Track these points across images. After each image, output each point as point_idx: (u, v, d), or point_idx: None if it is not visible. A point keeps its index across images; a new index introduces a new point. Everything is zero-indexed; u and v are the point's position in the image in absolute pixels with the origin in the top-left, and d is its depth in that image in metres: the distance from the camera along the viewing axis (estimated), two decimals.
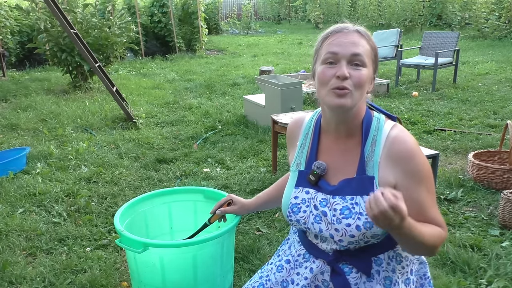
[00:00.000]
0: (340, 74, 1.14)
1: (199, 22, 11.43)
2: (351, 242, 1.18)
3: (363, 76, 1.16)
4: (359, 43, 1.17)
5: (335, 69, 1.16)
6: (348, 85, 1.15)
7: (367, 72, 1.17)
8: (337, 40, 1.17)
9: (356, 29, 1.20)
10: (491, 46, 10.92)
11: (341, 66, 1.15)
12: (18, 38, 9.37)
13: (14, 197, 3.30)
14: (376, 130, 1.22)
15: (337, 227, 1.18)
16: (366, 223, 1.15)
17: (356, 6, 17.95)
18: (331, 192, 1.22)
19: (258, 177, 3.61)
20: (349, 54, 1.15)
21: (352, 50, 1.15)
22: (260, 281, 1.42)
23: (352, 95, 1.16)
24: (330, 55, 1.17)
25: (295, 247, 1.37)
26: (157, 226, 2.11)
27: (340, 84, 1.15)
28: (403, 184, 1.17)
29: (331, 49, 1.17)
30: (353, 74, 1.15)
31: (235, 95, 6.79)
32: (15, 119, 5.35)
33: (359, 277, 1.23)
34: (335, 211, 1.19)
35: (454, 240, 2.59)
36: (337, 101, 1.16)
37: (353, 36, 1.18)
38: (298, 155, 1.34)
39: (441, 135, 4.61)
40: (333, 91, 1.16)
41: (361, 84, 1.16)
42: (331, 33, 1.21)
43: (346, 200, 1.19)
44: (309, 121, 1.36)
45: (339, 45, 1.16)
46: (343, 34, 1.18)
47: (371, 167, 1.19)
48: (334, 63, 1.17)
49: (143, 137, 4.76)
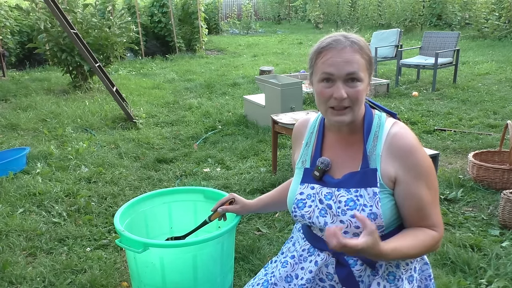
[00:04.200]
0: (337, 96, 1.18)
1: (199, 22, 11.43)
2: (356, 234, 1.20)
3: (360, 91, 1.20)
4: (353, 60, 1.18)
5: (331, 89, 1.19)
6: (346, 103, 1.19)
7: (363, 85, 1.20)
8: (331, 59, 1.18)
9: (349, 43, 1.19)
10: (491, 46, 10.92)
11: (338, 87, 1.18)
12: (18, 38, 9.37)
13: (14, 197, 3.30)
14: (378, 126, 1.25)
15: (342, 219, 1.21)
16: (370, 215, 1.18)
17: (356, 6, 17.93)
18: (335, 185, 1.25)
19: (258, 177, 3.61)
20: (344, 74, 1.18)
21: (347, 70, 1.17)
22: (265, 277, 1.44)
23: (352, 111, 1.21)
24: (326, 75, 1.20)
25: (299, 243, 1.39)
26: (157, 226, 2.11)
27: (338, 105, 1.20)
28: (403, 178, 1.19)
29: (326, 70, 1.19)
30: (350, 92, 1.19)
31: (235, 95, 6.79)
32: (15, 119, 5.36)
33: (363, 269, 1.24)
34: (340, 203, 1.22)
35: (454, 240, 2.59)
36: (337, 118, 1.22)
37: (346, 52, 1.18)
38: (303, 153, 1.37)
39: (441, 135, 4.61)
40: (331, 110, 1.22)
41: (359, 98, 1.20)
42: (324, 49, 1.21)
43: (351, 192, 1.22)
44: (314, 121, 1.40)
45: (333, 65, 1.18)
46: (337, 51, 1.18)
47: (374, 160, 1.22)
48: (331, 81, 1.20)
49: (143, 137, 4.76)
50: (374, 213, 1.17)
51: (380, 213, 1.17)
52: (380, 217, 1.17)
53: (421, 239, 1.18)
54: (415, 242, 1.17)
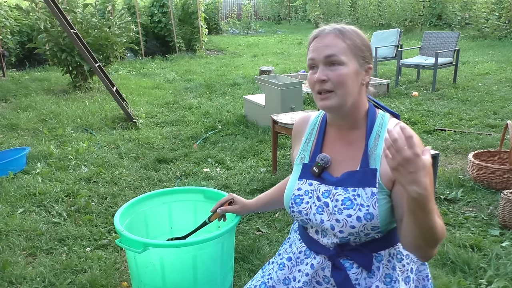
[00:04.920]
0: (316, 79, 1.21)
1: (199, 22, 11.43)
2: (351, 234, 1.19)
3: (342, 74, 1.19)
4: (332, 43, 1.20)
5: (315, 74, 1.22)
6: (328, 87, 1.20)
7: (347, 69, 1.20)
8: (314, 45, 1.23)
9: (333, 29, 1.23)
10: (491, 46, 10.92)
11: (318, 71, 1.21)
12: (18, 38, 9.37)
13: (14, 197, 3.30)
14: (380, 126, 1.25)
15: (338, 218, 1.20)
16: (366, 215, 1.17)
17: (356, 6, 17.94)
18: (334, 184, 1.24)
19: (258, 177, 3.61)
20: (323, 57, 1.20)
21: (325, 53, 1.20)
22: (262, 280, 1.43)
23: (336, 95, 1.21)
24: (310, 61, 1.24)
25: (296, 244, 1.38)
26: (157, 226, 2.11)
27: (320, 88, 1.21)
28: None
29: (309, 56, 1.24)
30: (331, 75, 1.20)
31: (235, 95, 6.79)
32: (15, 119, 5.36)
33: (359, 272, 1.24)
34: (337, 202, 1.21)
35: (454, 240, 2.59)
36: (322, 104, 1.23)
37: (327, 38, 1.22)
38: (302, 149, 1.37)
39: (441, 135, 4.61)
40: (317, 95, 1.24)
41: (342, 82, 1.20)
42: (312, 39, 1.26)
43: (348, 191, 1.21)
44: (315, 118, 1.40)
45: (315, 50, 1.23)
46: (320, 38, 1.23)
47: (374, 160, 1.21)
48: (315, 68, 1.23)
49: (143, 137, 4.76)
50: (370, 213, 1.16)
51: (377, 214, 1.16)
52: (377, 217, 1.16)
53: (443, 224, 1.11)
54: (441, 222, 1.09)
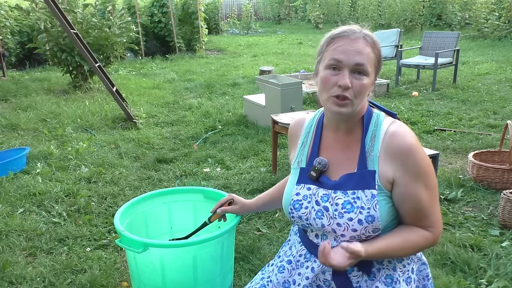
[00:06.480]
0: (342, 84, 1.15)
1: (199, 22, 11.43)
2: (353, 237, 1.19)
3: (365, 85, 1.17)
4: (364, 51, 1.16)
5: (337, 77, 1.17)
6: (349, 94, 1.16)
7: (368, 80, 1.18)
8: (343, 47, 1.17)
9: (363, 35, 1.18)
10: (491, 46, 10.92)
11: (344, 75, 1.16)
12: (18, 38, 9.37)
13: (14, 197, 3.30)
14: (375, 125, 1.23)
15: (339, 222, 1.19)
16: (368, 217, 1.16)
17: (356, 6, 17.94)
18: (332, 187, 1.23)
19: (258, 177, 3.61)
20: (353, 63, 1.16)
21: (356, 60, 1.15)
22: (262, 282, 1.42)
23: (353, 104, 1.18)
24: (334, 61, 1.17)
25: (296, 247, 1.37)
26: (157, 226, 2.11)
27: (341, 94, 1.16)
28: (401, 180, 1.18)
29: (336, 56, 1.17)
30: (355, 84, 1.16)
31: (235, 95, 6.79)
32: (15, 119, 5.35)
33: (360, 275, 1.23)
34: (337, 206, 1.20)
35: (454, 240, 2.59)
36: (336, 109, 1.18)
37: (358, 43, 1.17)
38: (299, 153, 1.35)
39: (441, 135, 4.61)
40: (333, 99, 1.18)
41: (362, 92, 1.18)
42: (337, 36, 1.19)
43: (348, 194, 1.20)
44: (310, 120, 1.38)
45: (344, 52, 1.16)
46: (349, 40, 1.17)
47: (371, 161, 1.20)
48: (337, 70, 1.17)
49: (143, 137, 4.76)
50: (371, 216, 1.16)
51: (377, 216, 1.16)
52: (378, 219, 1.16)
53: (412, 241, 1.19)
54: (404, 244, 1.18)
